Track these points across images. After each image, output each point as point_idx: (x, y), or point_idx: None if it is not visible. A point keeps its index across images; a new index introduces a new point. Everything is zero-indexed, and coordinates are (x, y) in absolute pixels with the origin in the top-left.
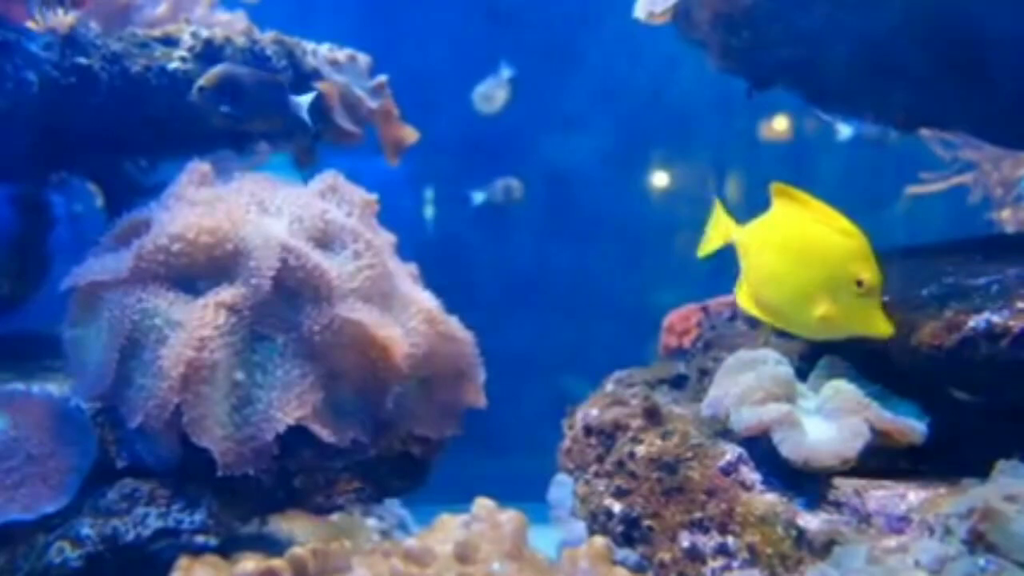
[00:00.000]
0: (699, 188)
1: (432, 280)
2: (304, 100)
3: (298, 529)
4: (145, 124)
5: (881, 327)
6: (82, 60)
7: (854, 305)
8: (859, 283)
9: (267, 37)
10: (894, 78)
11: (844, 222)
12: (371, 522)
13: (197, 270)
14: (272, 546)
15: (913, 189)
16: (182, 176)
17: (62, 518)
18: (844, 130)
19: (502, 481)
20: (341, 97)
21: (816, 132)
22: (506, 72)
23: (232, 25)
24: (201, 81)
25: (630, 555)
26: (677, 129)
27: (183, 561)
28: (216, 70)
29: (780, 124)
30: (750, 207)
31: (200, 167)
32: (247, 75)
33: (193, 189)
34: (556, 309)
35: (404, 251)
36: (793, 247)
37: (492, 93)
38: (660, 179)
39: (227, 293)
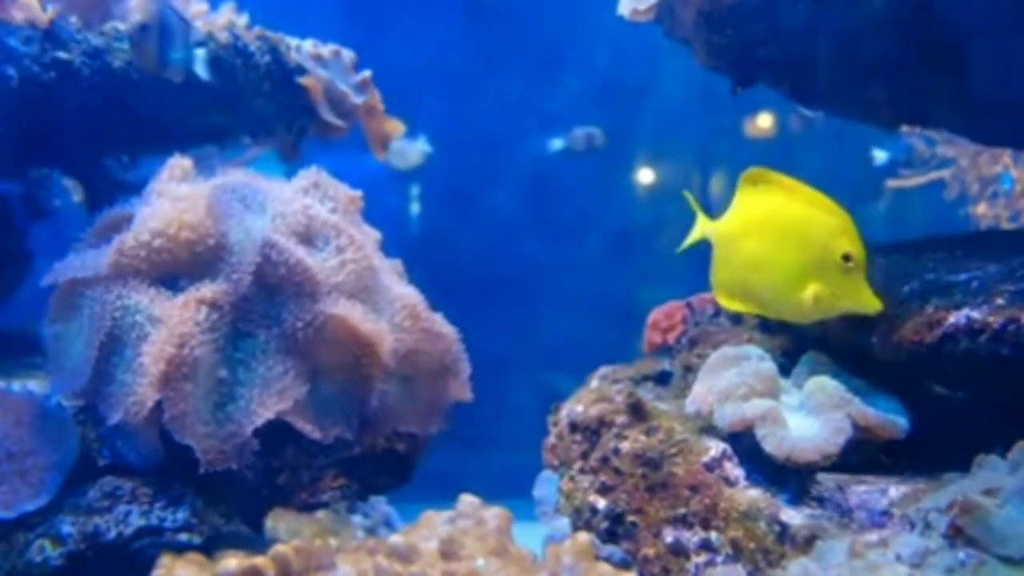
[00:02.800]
0: (684, 185)
1: (417, 277)
2: (200, 54)
3: (283, 527)
4: (126, 119)
5: (870, 302)
6: (62, 55)
7: (842, 282)
8: (846, 258)
9: (250, 32)
10: (876, 75)
11: (824, 200)
12: (356, 519)
13: (179, 266)
14: (256, 545)
15: (893, 182)
16: (163, 172)
17: (43, 516)
18: (879, 155)
19: (489, 478)
20: (325, 92)
21: (800, 129)
22: (421, 144)
23: (213, 18)
24: (139, 17)
25: (616, 551)
26: (662, 126)
27: (165, 559)
28: (151, 6)
29: (765, 121)
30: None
31: (181, 162)
32: (172, 14)
33: (175, 185)
34: (542, 306)
35: (390, 248)
36: (774, 231)
37: (406, 153)
38: (645, 176)
39: (208, 289)
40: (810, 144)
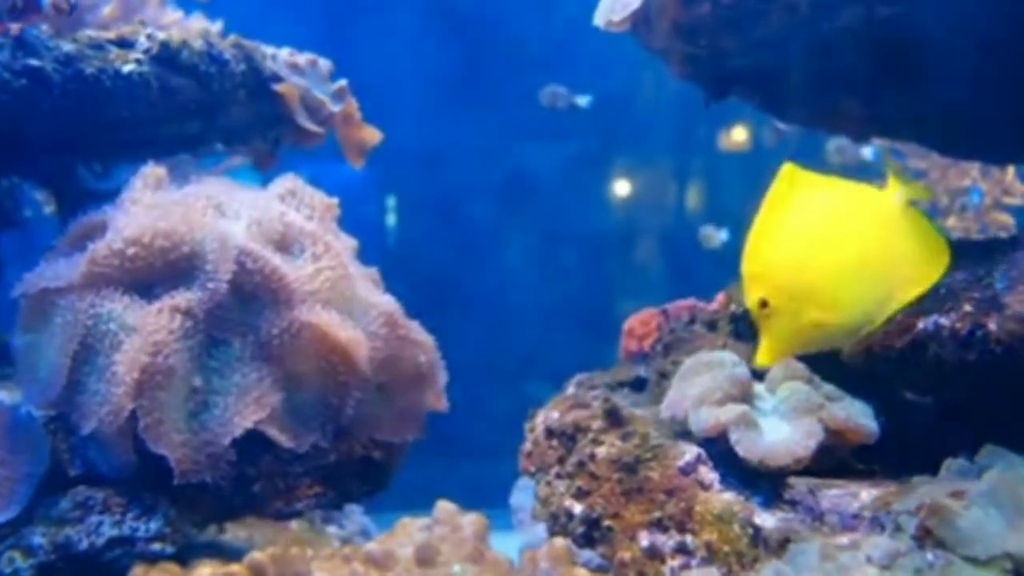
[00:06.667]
0: (661, 194)
1: (394, 285)
2: None
3: (257, 536)
4: (99, 127)
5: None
6: (33, 62)
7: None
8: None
9: (226, 40)
10: (846, 88)
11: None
12: (332, 529)
13: (153, 274)
14: (230, 554)
15: None
16: (137, 180)
17: (13, 527)
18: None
19: (467, 487)
20: (302, 100)
21: (774, 141)
22: None
23: (187, 26)
24: None
25: (593, 558)
26: (640, 136)
27: (138, 569)
28: None
29: (739, 134)
30: (712, 213)
31: (155, 170)
32: None
33: (149, 193)
34: (519, 314)
35: (366, 256)
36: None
37: None
38: (623, 185)
39: (182, 297)
40: (783, 156)
